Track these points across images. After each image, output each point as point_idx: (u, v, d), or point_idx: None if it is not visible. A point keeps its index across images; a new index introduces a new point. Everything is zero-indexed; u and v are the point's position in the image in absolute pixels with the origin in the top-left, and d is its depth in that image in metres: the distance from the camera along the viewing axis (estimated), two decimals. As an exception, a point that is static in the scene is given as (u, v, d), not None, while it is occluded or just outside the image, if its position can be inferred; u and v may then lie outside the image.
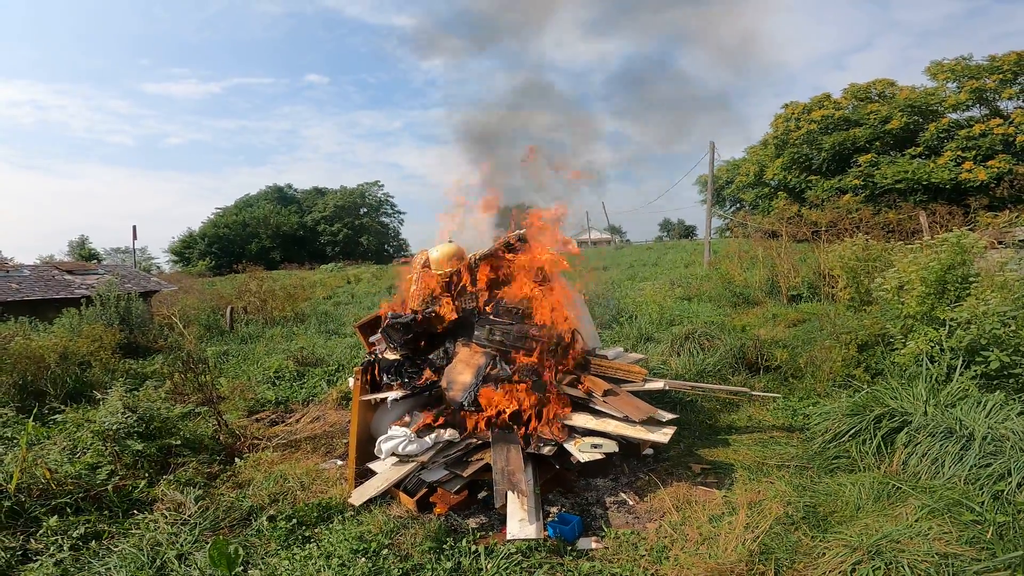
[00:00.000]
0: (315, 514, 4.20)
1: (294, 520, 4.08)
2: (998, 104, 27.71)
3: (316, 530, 4.04)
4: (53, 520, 3.95)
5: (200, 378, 6.82)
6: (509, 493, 3.85)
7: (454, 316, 5.52)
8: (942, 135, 27.00)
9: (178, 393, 7.37)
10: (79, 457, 4.93)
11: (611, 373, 5.50)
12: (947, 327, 6.13)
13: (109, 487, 4.41)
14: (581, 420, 4.90)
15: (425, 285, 5.75)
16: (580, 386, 5.23)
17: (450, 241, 6.04)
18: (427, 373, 5.23)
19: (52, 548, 3.72)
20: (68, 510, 4.20)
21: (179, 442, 5.42)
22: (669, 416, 4.95)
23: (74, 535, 3.88)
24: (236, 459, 5.53)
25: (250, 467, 5.33)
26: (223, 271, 42.60)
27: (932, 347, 6.08)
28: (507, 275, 5.70)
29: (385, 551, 3.61)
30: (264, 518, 4.12)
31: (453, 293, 5.70)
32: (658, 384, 5.46)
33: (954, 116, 27.97)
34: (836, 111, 30.63)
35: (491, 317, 5.39)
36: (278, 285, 18.41)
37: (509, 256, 5.74)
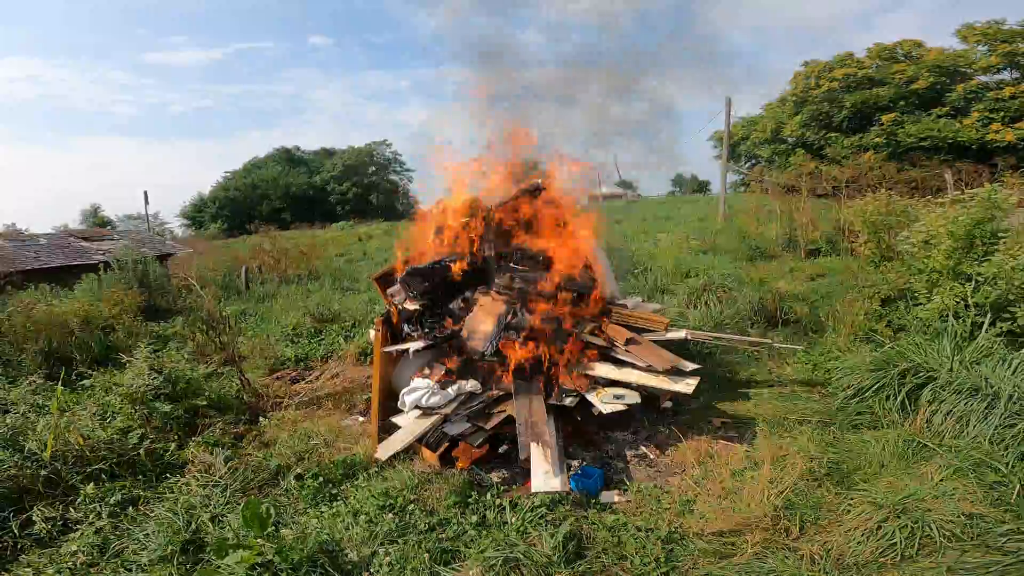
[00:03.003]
0: (340, 471, 4.27)
1: (321, 478, 4.16)
2: (1030, 68, 26.68)
3: (342, 487, 4.12)
4: (90, 488, 4.02)
5: (221, 338, 6.89)
6: (533, 445, 3.88)
7: (474, 264, 5.47)
8: (970, 96, 26.38)
9: (201, 354, 7.45)
10: (110, 422, 4.99)
11: (632, 322, 5.43)
12: (973, 283, 5.99)
13: (141, 451, 4.49)
14: (603, 370, 4.88)
15: (444, 234, 5.68)
16: (600, 334, 5.18)
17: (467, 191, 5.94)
18: (448, 322, 5.22)
19: (91, 516, 3.81)
20: (103, 477, 4.28)
21: (205, 403, 5.49)
22: (692, 366, 4.89)
23: (111, 502, 3.96)
24: (260, 418, 5.62)
25: (274, 426, 5.42)
26: (235, 233, 42.70)
27: (957, 303, 5.96)
28: (527, 223, 5.62)
29: (411, 506, 3.67)
30: (292, 477, 4.21)
31: (473, 241, 5.63)
32: (680, 334, 5.41)
33: (983, 78, 27.16)
34: (859, 70, 29.89)
35: (511, 265, 5.33)
36: (291, 244, 18.42)
37: (528, 205, 5.64)
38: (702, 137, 46.70)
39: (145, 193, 31.82)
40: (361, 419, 5.66)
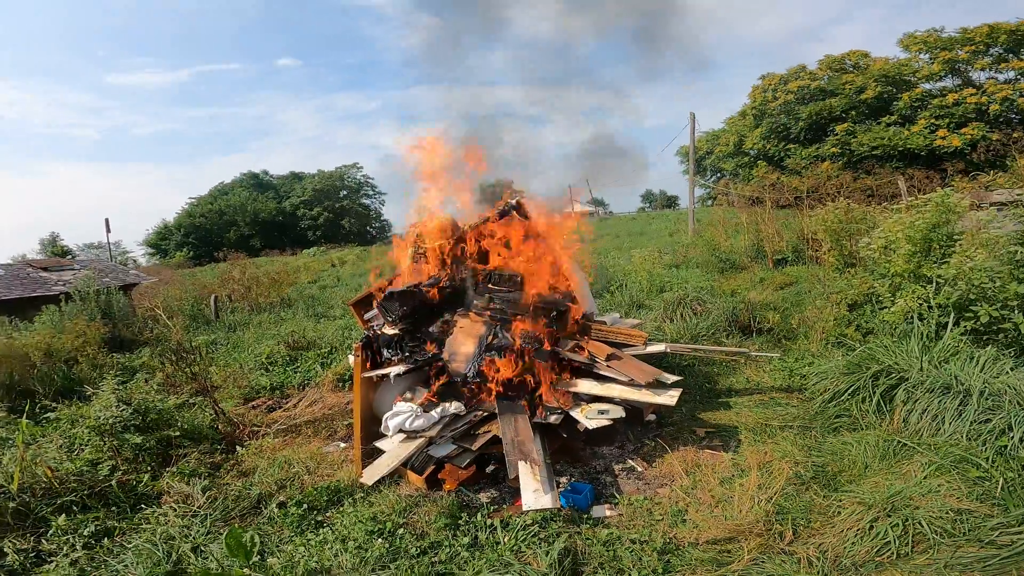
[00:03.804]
0: (325, 498, 4.15)
1: (304, 505, 4.03)
2: (970, 75, 28.13)
3: (328, 514, 4.00)
4: (61, 519, 3.87)
5: (192, 368, 6.68)
6: (521, 464, 3.84)
7: (452, 286, 5.45)
8: (915, 104, 27.57)
9: (170, 384, 7.22)
10: (78, 454, 4.82)
11: (612, 338, 5.48)
12: (934, 284, 6.23)
13: (113, 482, 4.31)
14: (586, 386, 4.89)
15: (420, 257, 5.66)
16: (581, 351, 5.21)
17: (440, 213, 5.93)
18: (428, 346, 5.17)
19: (65, 548, 3.66)
20: (74, 508, 4.11)
21: (178, 433, 5.31)
22: (674, 378, 4.95)
23: (85, 533, 3.81)
24: (237, 447, 5.44)
25: (252, 454, 5.25)
26: (202, 261, 41.76)
27: (920, 305, 6.18)
28: (503, 243, 5.63)
29: (401, 530, 3.58)
30: (274, 505, 4.07)
31: (449, 263, 5.62)
32: (659, 347, 5.46)
33: (927, 86, 28.51)
34: (812, 81, 31.07)
35: (489, 286, 5.32)
36: (262, 271, 18.08)
37: (503, 224, 5.66)
38: (669, 152, 47.90)
39: (107, 220, 30.79)
40: (342, 445, 5.53)
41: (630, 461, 4.68)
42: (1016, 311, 5.50)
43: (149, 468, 4.78)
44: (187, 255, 45.99)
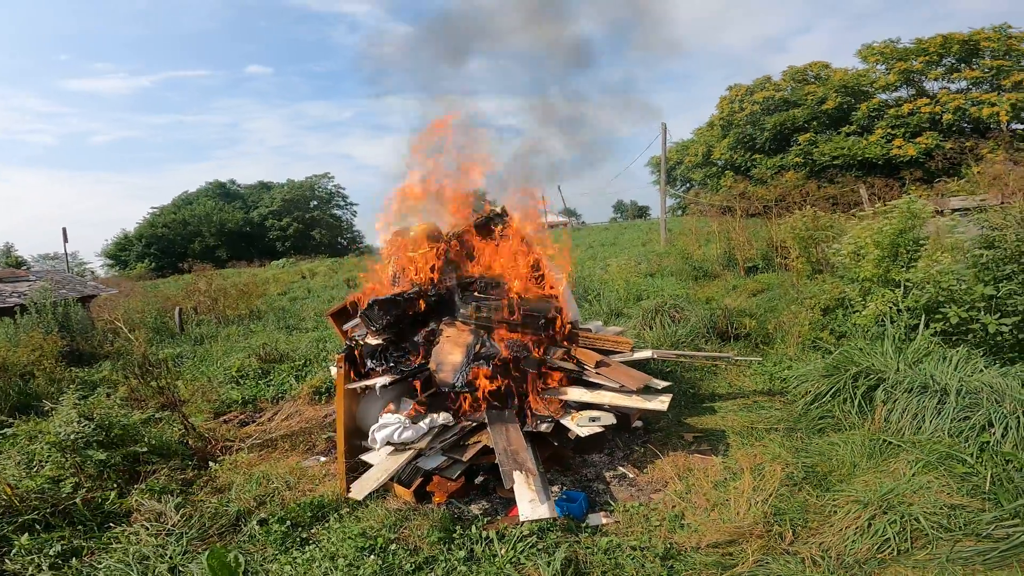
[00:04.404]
0: (309, 514, 3.97)
1: (288, 522, 3.84)
2: (923, 84, 29.36)
3: (313, 531, 3.82)
4: (24, 538, 3.60)
5: (158, 381, 6.38)
6: (516, 473, 3.74)
7: (437, 294, 5.33)
8: (873, 114, 28.50)
9: (135, 399, 6.89)
10: (38, 471, 4.53)
11: (599, 345, 5.45)
12: (903, 288, 6.41)
13: (78, 500, 4.03)
14: (575, 394, 4.83)
15: (403, 265, 5.53)
16: (570, 359, 5.15)
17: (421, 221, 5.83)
18: (413, 356, 5.03)
19: (31, 568, 3.41)
20: (37, 527, 3.84)
21: (145, 449, 5.03)
22: (663, 384, 4.94)
23: (51, 553, 3.55)
24: (210, 463, 5.18)
25: (227, 470, 5.01)
26: (165, 272, 40.34)
27: (890, 308, 6.35)
28: (487, 251, 5.56)
29: (393, 546, 3.44)
30: (255, 522, 3.85)
31: (433, 271, 5.51)
32: (646, 353, 5.46)
33: (883, 96, 29.57)
34: (776, 92, 31.90)
35: (476, 293, 5.23)
36: (229, 283, 17.57)
37: (487, 232, 5.60)
38: (640, 163, 48.71)
39: (64, 230, 29.28)
40: (322, 459, 5.33)
41: (621, 468, 4.64)
42: (983, 312, 5.69)
43: (115, 485, 4.50)
44: (149, 266, 44.32)
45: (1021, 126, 26.27)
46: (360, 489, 3.92)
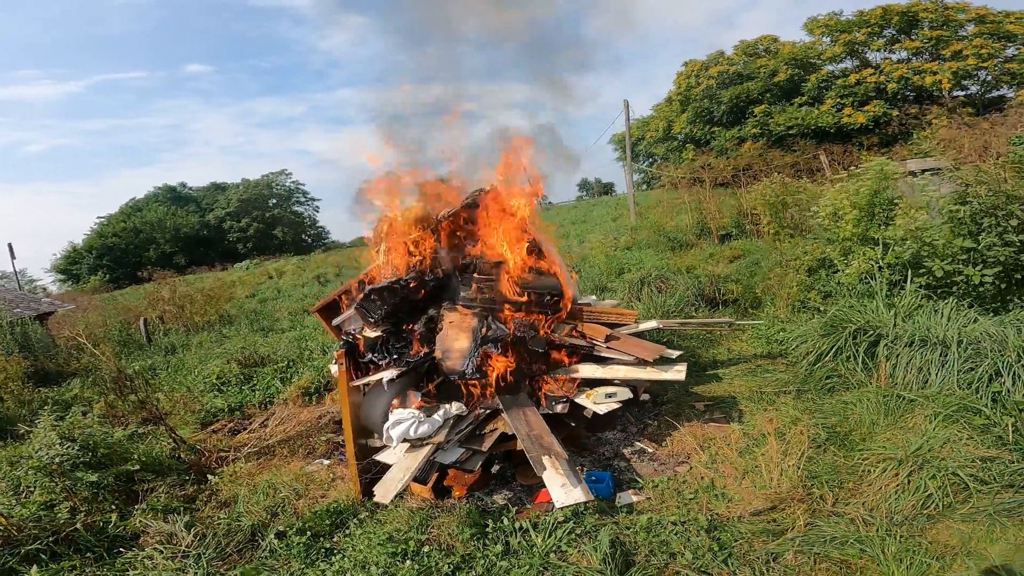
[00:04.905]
0: (327, 521, 3.76)
1: (307, 532, 3.62)
2: (867, 55, 30.26)
3: (335, 539, 3.62)
4: (34, 570, 3.34)
5: (137, 395, 6.02)
6: (544, 458, 3.62)
7: (435, 279, 5.13)
8: (822, 85, 29.37)
9: (113, 415, 6.49)
10: (27, 497, 4.20)
11: (604, 318, 5.34)
12: (881, 246, 6.54)
13: (79, 526, 3.73)
14: (587, 370, 4.72)
15: (396, 250, 5.28)
16: (578, 334, 5.03)
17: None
18: (416, 345, 4.82)
19: None
20: (43, 556, 3.57)
21: (138, 467, 4.72)
22: (677, 353, 4.85)
23: (66, 584, 3.26)
24: (209, 476, 4.90)
25: (228, 482, 4.74)
26: (122, 283, 38.56)
27: (871, 265, 6.47)
28: (483, 230, 5.36)
29: (425, 548, 3.27)
30: (272, 536, 3.63)
31: (427, 256, 5.29)
32: (652, 324, 5.39)
33: (831, 68, 30.43)
34: (730, 67, 32.50)
35: (475, 275, 5.04)
36: (194, 289, 16.86)
37: (478, 212, 5.41)
38: (603, 141, 48.74)
39: (10, 246, 27.44)
40: (326, 463, 5.12)
41: (639, 443, 4.57)
42: (966, 264, 5.83)
43: (114, 507, 4.20)
44: (103, 278, 42.15)
45: (961, 93, 27.35)
46: (385, 492, 3.74)
